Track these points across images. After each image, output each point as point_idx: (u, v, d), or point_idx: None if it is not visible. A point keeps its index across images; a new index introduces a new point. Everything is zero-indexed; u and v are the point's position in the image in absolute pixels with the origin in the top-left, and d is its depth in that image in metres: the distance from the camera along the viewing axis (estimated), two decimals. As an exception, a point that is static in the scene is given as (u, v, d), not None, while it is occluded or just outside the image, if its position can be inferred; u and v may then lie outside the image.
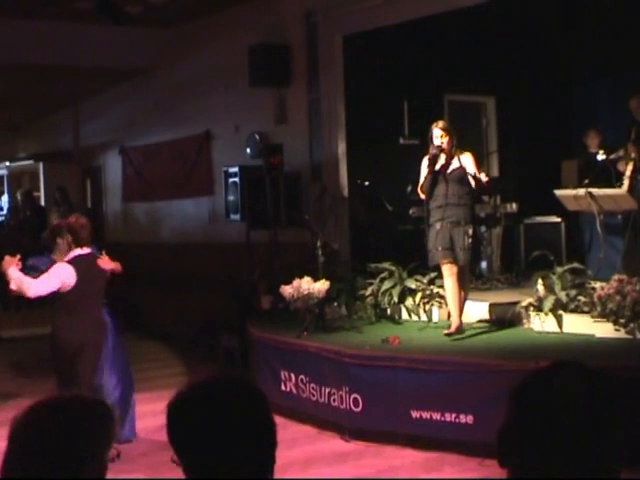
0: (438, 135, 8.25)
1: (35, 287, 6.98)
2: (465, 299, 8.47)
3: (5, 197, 20.16)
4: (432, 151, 8.23)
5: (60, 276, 7.04)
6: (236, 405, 2.03)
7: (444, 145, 8.21)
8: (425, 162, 8.34)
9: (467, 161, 8.26)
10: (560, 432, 1.72)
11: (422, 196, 8.42)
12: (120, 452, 1.82)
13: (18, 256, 7.02)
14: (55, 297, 7.14)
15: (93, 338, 7.27)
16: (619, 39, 10.90)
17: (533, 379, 1.82)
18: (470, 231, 8.19)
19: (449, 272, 8.27)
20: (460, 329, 8.27)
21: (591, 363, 1.90)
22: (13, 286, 6.93)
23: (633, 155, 9.51)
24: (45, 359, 8.71)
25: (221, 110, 13.04)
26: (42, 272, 7.18)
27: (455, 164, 8.25)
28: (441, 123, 8.42)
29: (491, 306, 8.92)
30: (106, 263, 7.34)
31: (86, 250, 7.27)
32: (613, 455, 1.74)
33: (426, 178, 8.28)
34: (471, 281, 9.25)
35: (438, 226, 8.22)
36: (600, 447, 1.72)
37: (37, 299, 7.28)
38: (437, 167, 8.23)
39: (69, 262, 7.13)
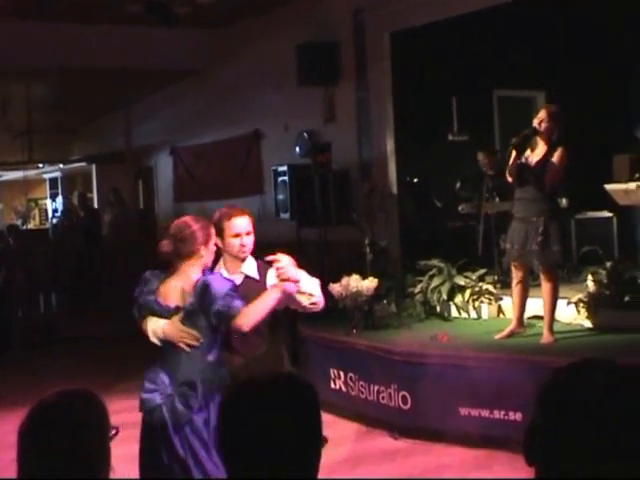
0: (541, 116, 7.56)
1: None
2: (551, 302, 7.77)
3: (59, 199, 20.44)
4: (524, 131, 7.57)
5: None
6: (286, 402, 2.03)
7: (541, 129, 7.54)
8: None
9: (556, 154, 7.55)
10: (585, 430, 1.71)
11: (510, 179, 7.82)
12: (118, 428, 1.84)
13: None
14: None
15: None
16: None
17: (559, 377, 1.81)
18: (541, 228, 7.52)
19: (514, 276, 7.95)
20: (513, 333, 7.97)
21: None
22: None
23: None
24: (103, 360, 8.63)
25: (270, 109, 13.09)
26: None
27: (544, 155, 7.60)
28: (552, 107, 7.85)
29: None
30: None
31: None
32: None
33: (514, 160, 7.60)
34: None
35: (515, 221, 7.78)
36: (626, 445, 1.71)
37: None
38: (527, 154, 7.59)
39: None
